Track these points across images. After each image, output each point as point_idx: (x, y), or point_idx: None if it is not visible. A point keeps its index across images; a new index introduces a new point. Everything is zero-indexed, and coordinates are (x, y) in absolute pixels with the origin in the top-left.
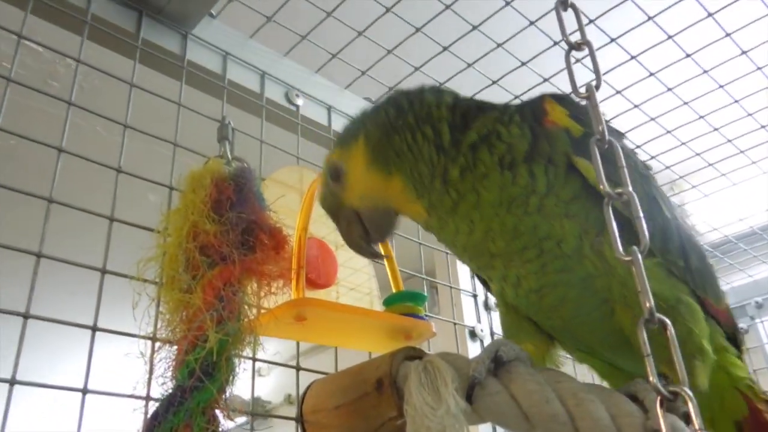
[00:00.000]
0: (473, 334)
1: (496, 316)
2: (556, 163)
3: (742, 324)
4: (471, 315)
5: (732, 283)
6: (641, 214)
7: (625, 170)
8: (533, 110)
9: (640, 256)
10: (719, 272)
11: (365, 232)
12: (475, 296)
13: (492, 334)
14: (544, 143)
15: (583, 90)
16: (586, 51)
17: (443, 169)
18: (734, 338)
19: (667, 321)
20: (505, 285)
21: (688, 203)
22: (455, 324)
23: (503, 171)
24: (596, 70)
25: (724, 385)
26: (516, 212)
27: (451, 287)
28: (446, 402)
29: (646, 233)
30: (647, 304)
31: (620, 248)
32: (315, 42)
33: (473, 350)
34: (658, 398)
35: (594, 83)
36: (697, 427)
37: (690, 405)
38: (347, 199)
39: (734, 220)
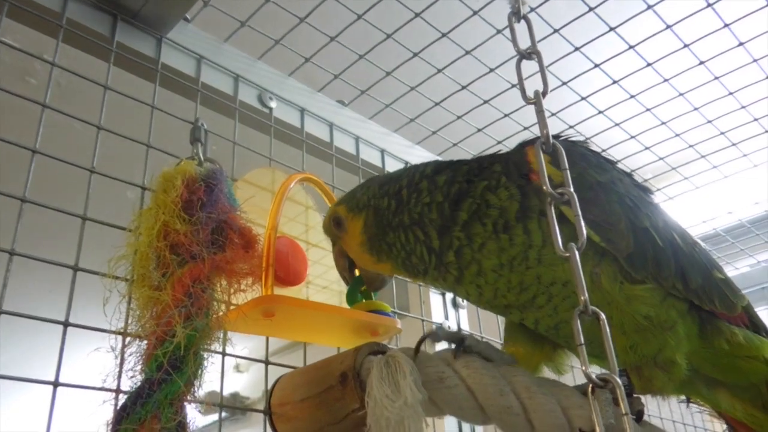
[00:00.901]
0: None
1: (463, 313)
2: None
3: None
4: (439, 312)
5: None
6: (579, 213)
7: (568, 173)
8: (517, 165)
9: (577, 252)
10: None
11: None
12: (443, 294)
13: (459, 330)
14: (534, 199)
15: (531, 95)
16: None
17: (437, 261)
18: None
19: (600, 313)
20: (526, 324)
21: (678, 196)
22: (423, 321)
23: (499, 236)
24: (543, 78)
25: (763, 372)
26: (519, 269)
27: (419, 285)
28: (404, 393)
29: (584, 231)
30: (582, 297)
31: (560, 245)
32: (288, 46)
33: (440, 347)
34: (590, 386)
35: (542, 90)
36: (623, 410)
37: (618, 390)
38: (345, 245)
39: (723, 212)
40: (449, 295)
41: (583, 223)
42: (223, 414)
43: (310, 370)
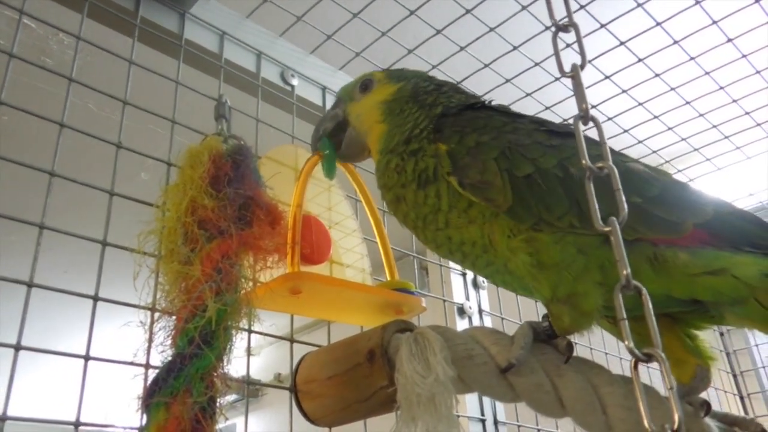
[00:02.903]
0: (462, 311)
1: (484, 294)
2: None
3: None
4: (460, 292)
5: None
6: (620, 186)
7: (607, 146)
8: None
9: (618, 226)
10: None
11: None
12: (464, 274)
13: (480, 311)
14: (439, 163)
15: (568, 69)
16: (573, 34)
17: (395, 150)
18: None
19: (641, 286)
20: None
21: None
22: (444, 301)
23: (418, 189)
24: (582, 52)
25: (738, 287)
26: (430, 227)
27: (441, 265)
28: (435, 370)
29: (625, 206)
30: (624, 272)
31: (599, 220)
32: (310, 23)
33: (461, 327)
34: (633, 360)
35: (579, 63)
36: (669, 386)
37: (662, 366)
38: (352, 107)
39: None
40: (470, 276)
41: (623, 197)
42: (233, 396)
43: (337, 348)
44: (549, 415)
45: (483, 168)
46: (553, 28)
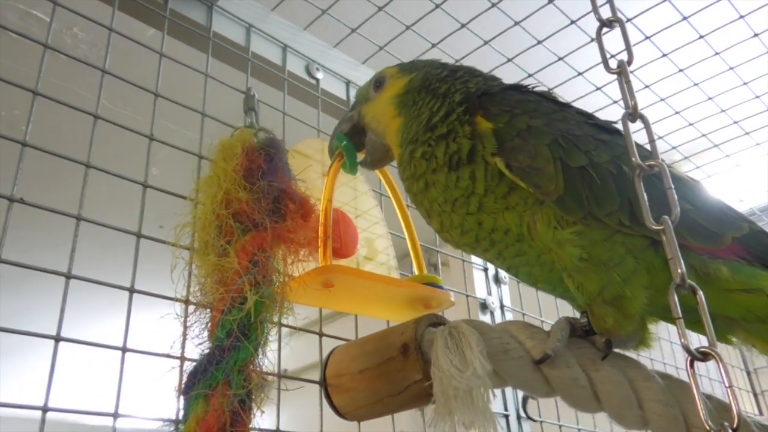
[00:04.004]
0: (484, 306)
1: (506, 289)
2: (489, 162)
3: None
4: (482, 288)
5: None
6: (672, 185)
7: (656, 144)
8: (471, 108)
9: (671, 224)
10: None
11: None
12: (485, 270)
13: (502, 306)
14: (479, 144)
15: (614, 65)
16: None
17: (418, 140)
18: None
19: (696, 286)
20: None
21: None
22: (467, 296)
23: (450, 172)
24: (628, 48)
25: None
26: (459, 212)
27: (463, 260)
28: (472, 364)
29: (677, 204)
30: (678, 270)
31: (650, 218)
32: (335, 16)
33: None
34: (689, 358)
35: (626, 59)
36: (727, 384)
37: (720, 365)
38: (367, 108)
39: (734, 201)
40: (492, 271)
41: (675, 195)
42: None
43: (367, 342)
44: (584, 409)
45: (535, 153)
46: (582, 24)
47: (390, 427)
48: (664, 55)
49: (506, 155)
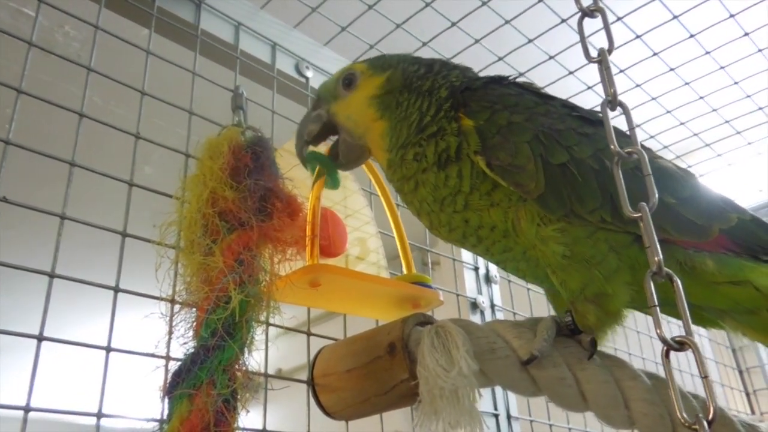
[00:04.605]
0: (474, 306)
1: (496, 288)
2: (474, 160)
3: None
4: (472, 287)
5: None
6: (650, 171)
7: (635, 132)
8: (456, 104)
9: (648, 211)
10: None
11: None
12: (476, 269)
13: (492, 306)
14: (464, 141)
15: (595, 54)
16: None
17: (409, 143)
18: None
19: (674, 275)
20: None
21: None
22: (458, 296)
23: (439, 171)
24: (609, 36)
25: (757, 298)
26: (447, 210)
27: (453, 259)
28: (458, 364)
29: (656, 191)
30: (656, 258)
31: (628, 206)
32: (324, 14)
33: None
34: (665, 348)
35: (607, 48)
36: (703, 374)
37: (696, 354)
38: (338, 107)
39: None
40: (482, 271)
41: (653, 182)
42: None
43: (354, 342)
44: (571, 409)
45: (515, 150)
46: (572, 24)
47: (378, 427)
48: (654, 54)
49: (487, 153)
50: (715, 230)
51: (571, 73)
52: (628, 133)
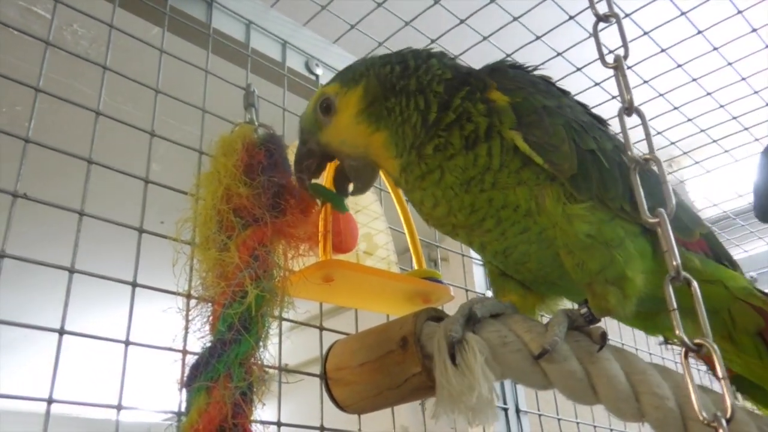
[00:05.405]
0: None
1: None
2: (505, 137)
3: None
4: (481, 283)
5: None
6: (666, 179)
7: (652, 138)
8: (482, 84)
9: (666, 217)
10: None
11: (309, 172)
12: (484, 265)
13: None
14: (496, 119)
15: (611, 60)
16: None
17: (421, 141)
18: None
19: (692, 279)
20: (472, 248)
21: (689, 179)
22: (467, 291)
23: (467, 152)
24: (624, 41)
25: (725, 297)
26: (473, 191)
27: (462, 255)
28: (478, 385)
29: (673, 198)
30: (674, 263)
31: (646, 211)
32: (334, 12)
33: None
34: (684, 350)
35: (622, 53)
36: (720, 375)
37: (714, 356)
38: (327, 135)
39: (733, 196)
40: None
41: (671, 189)
42: None
43: (367, 336)
44: (582, 402)
45: (552, 131)
46: (581, 20)
47: (390, 420)
48: (662, 51)
49: (524, 130)
50: (697, 233)
51: (578, 69)
52: (642, 140)
